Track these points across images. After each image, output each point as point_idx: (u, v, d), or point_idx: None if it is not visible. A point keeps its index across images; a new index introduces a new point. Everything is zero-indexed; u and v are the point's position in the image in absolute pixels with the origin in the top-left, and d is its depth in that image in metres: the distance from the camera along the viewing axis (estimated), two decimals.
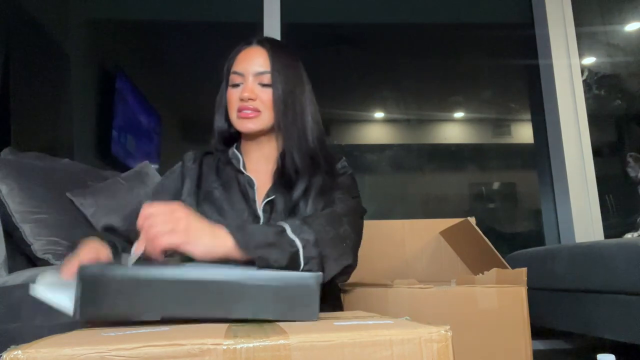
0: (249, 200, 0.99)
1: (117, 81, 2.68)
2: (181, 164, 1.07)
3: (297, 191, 0.98)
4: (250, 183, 1.02)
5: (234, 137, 1.09)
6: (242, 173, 1.03)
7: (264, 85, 1.00)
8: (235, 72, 1.00)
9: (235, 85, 1.00)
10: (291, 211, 0.97)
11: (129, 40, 2.98)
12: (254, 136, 1.04)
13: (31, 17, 2.42)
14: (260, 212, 0.98)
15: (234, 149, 1.08)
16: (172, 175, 1.06)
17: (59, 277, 0.63)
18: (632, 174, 2.02)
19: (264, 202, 0.99)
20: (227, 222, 0.92)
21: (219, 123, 1.08)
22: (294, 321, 0.56)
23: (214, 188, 1.02)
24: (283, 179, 1.00)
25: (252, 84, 0.99)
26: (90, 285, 0.51)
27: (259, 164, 1.05)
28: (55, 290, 0.60)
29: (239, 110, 0.99)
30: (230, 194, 1.00)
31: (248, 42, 1.04)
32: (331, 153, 1.08)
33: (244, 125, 1.00)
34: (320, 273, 0.61)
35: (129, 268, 0.57)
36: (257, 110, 0.99)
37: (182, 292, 0.54)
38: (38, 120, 2.39)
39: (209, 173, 1.05)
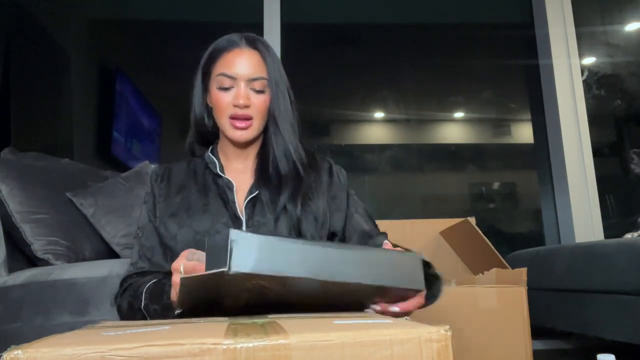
0: (228, 203, 0.98)
1: (117, 81, 2.68)
2: (150, 184, 1.04)
3: (285, 194, 0.97)
4: (229, 185, 1.00)
5: (214, 136, 1.07)
6: (220, 176, 1.01)
7: (257, 91, 0.97)
8: (225, 75, 0.97)
9: (225, 89, 0.97)
10: (280, 211, 0.96)
11: (129, 40, 2.98)
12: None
13: (32, 17, 2.42)
14: (241, 213, 0.97)
15: (209, 153, 1.06)
16: (149, 199, 1.03)
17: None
18: (636, 170, 2.02)
19: (247, 200, 0.98)
20: (199, 227, 0.94)
21: (200, 122, 1.05)
22: (408, 288, 0.66)
23: (191, 194, 1.00)
24: (265, 174, 0.99)
25: (245, 90, 0.96)
26: (241, 243, 0.57)
27: (239, 162, 1.04)
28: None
29: (232, 117, 0.97)
30: (207, 198, 0.99)
31: (234, 42, 0.99)
32: (310, 151, 1.07)
33: (236, 135, 0.98)
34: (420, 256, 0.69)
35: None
36: (250, 118, 0.97)
37: (323, 257, 0.61)
38: (38, 120, 2.39)
39: (183, 181, 1.03)
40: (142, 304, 0.86)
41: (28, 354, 0.41)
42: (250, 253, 0.57)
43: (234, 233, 0.58)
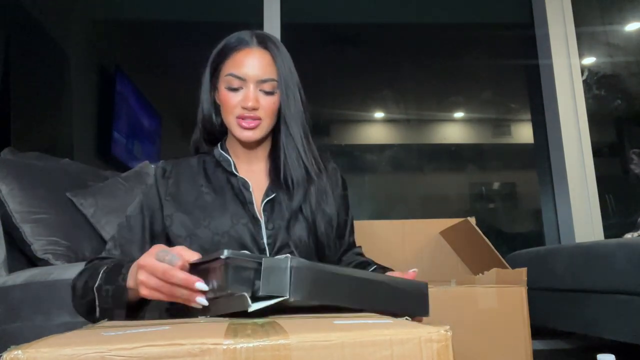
0: (245, 204, 0.96)
1: (117, 81, 2.68)
2: (154, 179, 1.00)
3: (299, 197, 0.96)
4: (245, 185, 0.98)
5: (221, 133, 1.05)
6: (235, 175, 0.99)
7: (266, 92, 0.95)
8: (234, 75, 0.94)
9: (234, 89, 0.95)
10: (297, 213, 0.96)
11: (129, 40, 2.98)
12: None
13: (32, 17, 2.42)
14: (259, 214, 0.95)
15: (220, 150, 1.03)
16: (150, 192, 0.99)
17: None
18: (636, 170, 2.02)
19: (264, 201, 0.96)
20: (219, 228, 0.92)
21: (207, 119, 1.03)
22: (413, 316, 0.70)
23: (205, 193, 0.96)
24: (279, 176, 0.98)
25: (254, 92, 0.94)
26: (300, 273, 0.62)
27: (251, 163, 1.02)
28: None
29: (240, 117, 0.95)
30: (223, 199, 0.96)
31: (244, 41, 0.97)
32: (320, 153, 1.06)
33: (243, 135, 0.96)
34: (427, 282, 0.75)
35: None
36: (258, 119, 0.95)
37: (353, 286, 0.66)
38: (38, 120, 2.39)
39: (194, 178, 0.99)
40: (97, 284, 0.80)
41: (28, 354, 0.41)
42: (306, 281, 0.62)
43: (294, 260, 0.62)
